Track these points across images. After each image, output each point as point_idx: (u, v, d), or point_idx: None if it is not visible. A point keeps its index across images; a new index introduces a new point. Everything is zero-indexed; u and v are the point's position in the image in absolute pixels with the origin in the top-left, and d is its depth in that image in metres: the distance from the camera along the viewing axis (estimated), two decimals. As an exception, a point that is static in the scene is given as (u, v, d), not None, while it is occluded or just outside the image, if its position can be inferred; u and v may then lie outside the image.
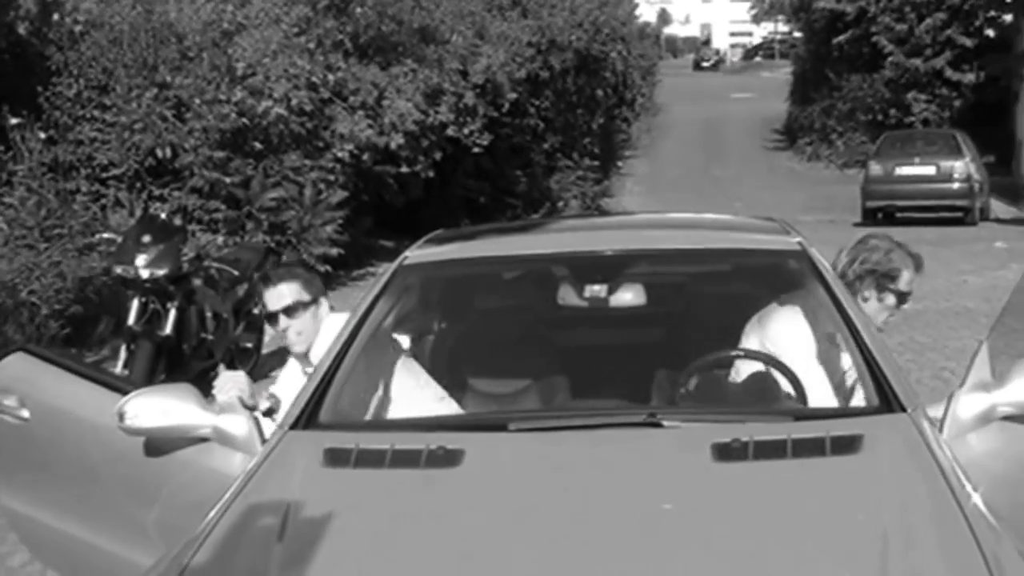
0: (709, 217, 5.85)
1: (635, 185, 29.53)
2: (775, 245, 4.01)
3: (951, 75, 30.62)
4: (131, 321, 7.12)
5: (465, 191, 18.46)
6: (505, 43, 18.55)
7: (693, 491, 2.68)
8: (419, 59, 15.46)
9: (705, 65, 64.36)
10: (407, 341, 4.34)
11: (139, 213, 10.71)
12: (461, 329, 4.71)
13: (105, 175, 11.57)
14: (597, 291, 4.21)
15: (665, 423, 3.01)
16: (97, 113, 11.69)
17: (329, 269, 12.64)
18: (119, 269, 7.27)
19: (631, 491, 2.68)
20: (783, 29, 55.27)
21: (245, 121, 12.14)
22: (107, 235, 8.45)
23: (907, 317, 4.42)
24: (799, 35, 41.60)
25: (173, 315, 7.22)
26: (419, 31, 15.98)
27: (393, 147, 14.48)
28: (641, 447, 2.96)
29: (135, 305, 7.14)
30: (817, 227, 15.17)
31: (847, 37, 32.46)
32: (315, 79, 13.05)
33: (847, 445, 2.82)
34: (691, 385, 3.55)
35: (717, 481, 2.73)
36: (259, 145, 12.55)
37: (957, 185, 20.46)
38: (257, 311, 7.36)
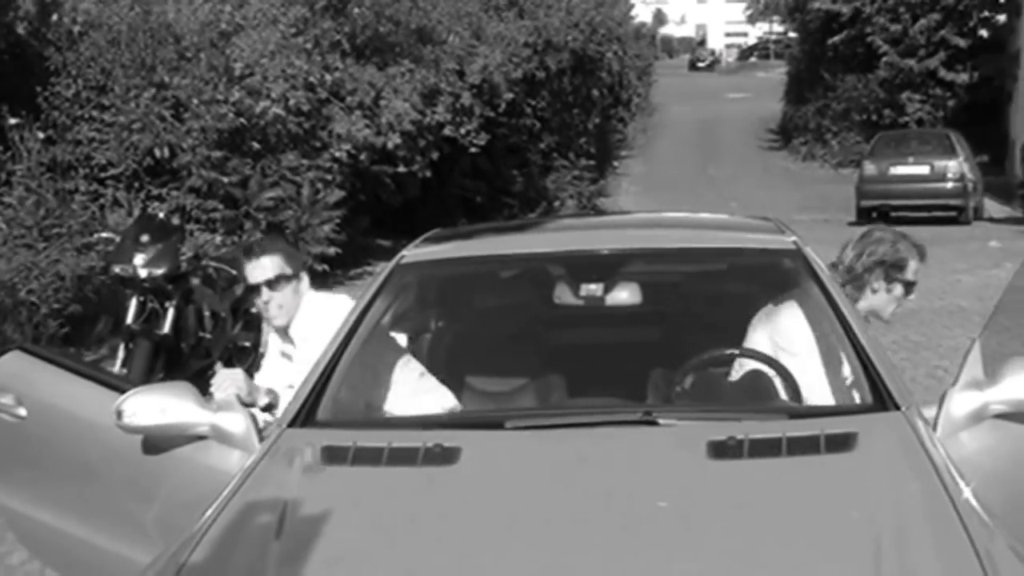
0: (704, 216, 5.88)
1: (631, 185, 29.53)
2: (770, 244, 4.03)
3: (945, 75, 30.66)
4: (129, 320, 7.12)
5: (462, 191, 18.47)
6: (501, 43, 18.57)
7: (688, 489, 2.69)
8: (416, 59, 15.48)
9: (701, 65, 64.28)
10: (404, 339, 4.35)
11: (137, 213, 10.69)
12: (458, 328, 4.72)
13: (103, 175, 11.57)
14: (593, 290, 4.21)
15: (661, 421, 3.02)
16: (95, 113, 11.69)
17: (327, 268, 12.66)
18: (117, 268, 7.27)
19: (626, 489, 2.69)
20: (778, 29, 55.12)
21: (243, 121, 12.14)
22: (105, 234, 8.45)
23: (901, 315, 4.45)
24: (794, 35, 41.56)
25: (171, 314, 7.21)
26: (416, 32, 16.00)
27: (390, 147, 14.49)
28: (637, 445, 2.96)
29: (133, 304, 7.14)
30: (812, 226, 15.19)
31: (842, 38, 32.50)
32: (312, 79, 13.06)
33: (841, 443, 2.83)
34: (687, 383, 3.57)
35: (712, 479, 2.74)
36: (257, 145, 12.55)
37: (951, 185, 20.48)
38: (255, 310, 7.36)
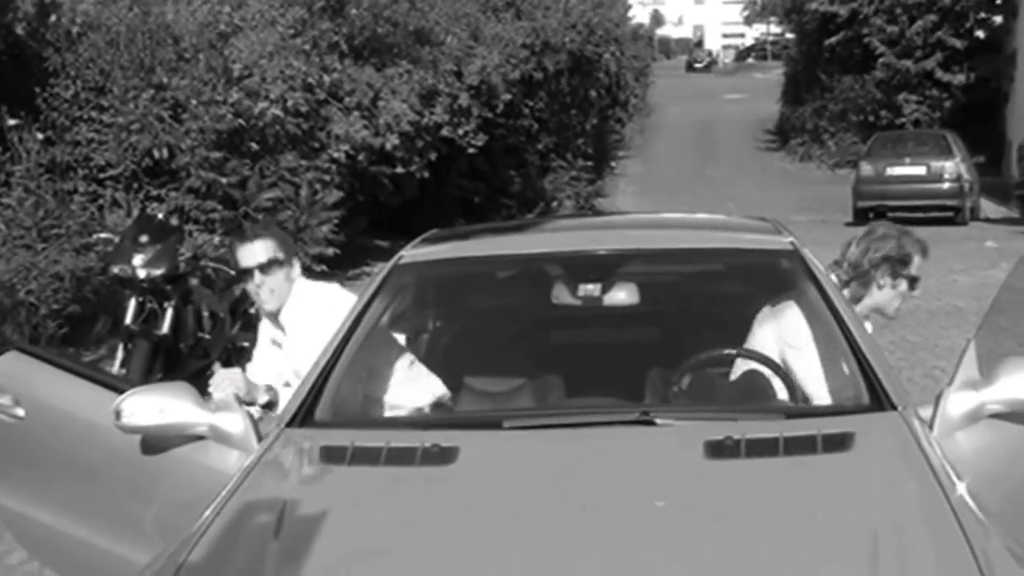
0: (702, 217, 5.90)
1: (628, 185, 29.54)
2: (767, 245, 4.03)
3: (942, 76, 30.68)
4: (128, 320, 7.13)
5: (460, 191, 18.46)
6: (499, 44, 18.56)
7: (686, 488, 2.70)
8: (414, 60, 15.47)
9: (698, 66, 64.25)
10: (402, 340, 4.35)
11: (136, 213, 10.68)
12: (456, 328, 4.73)
13: (102, 175, 11.55)
14: (591, 290, 4.21)
15: (658, 421, 3.03)
16: (94, 114, 11.67)
17: (325, 269, 12.65)
18: (116, 269, 7.27)
19: (624, 489, 2.70)
20: (775, 31, 55.22)
21: (241, 122, 12.13)
22: (104, 235, 8.45)
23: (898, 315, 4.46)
24: (791, 36, 41.60)
25: (170, 314, 7.21)
26: (414, 33, 16.00)
27: (388, 148, 14.48)
28: (634, 445, 2.97)
29: (132, 304, 7.14)
30: (809, 227, 15.22)
31: (839, 39, 32.52)
32: (311, 80, 13.06)
33: (838, 443, 2.84)
34: (684, 383, 3.57)
35: (709, 478, 2.74)
36: (255, 146, 12.53)
37: (947, 185, 20.47)
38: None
